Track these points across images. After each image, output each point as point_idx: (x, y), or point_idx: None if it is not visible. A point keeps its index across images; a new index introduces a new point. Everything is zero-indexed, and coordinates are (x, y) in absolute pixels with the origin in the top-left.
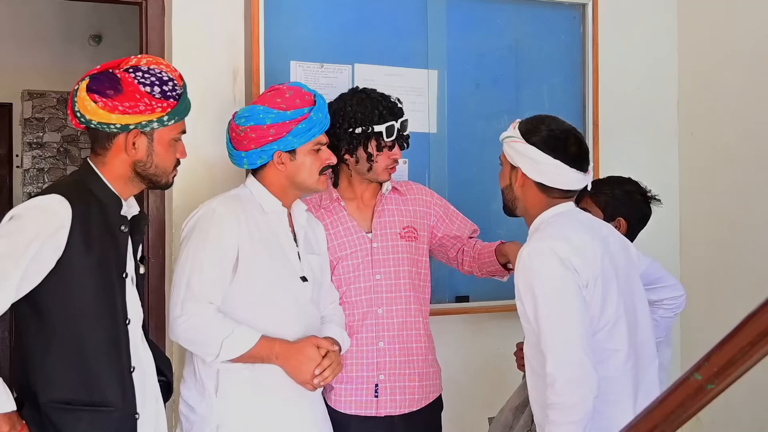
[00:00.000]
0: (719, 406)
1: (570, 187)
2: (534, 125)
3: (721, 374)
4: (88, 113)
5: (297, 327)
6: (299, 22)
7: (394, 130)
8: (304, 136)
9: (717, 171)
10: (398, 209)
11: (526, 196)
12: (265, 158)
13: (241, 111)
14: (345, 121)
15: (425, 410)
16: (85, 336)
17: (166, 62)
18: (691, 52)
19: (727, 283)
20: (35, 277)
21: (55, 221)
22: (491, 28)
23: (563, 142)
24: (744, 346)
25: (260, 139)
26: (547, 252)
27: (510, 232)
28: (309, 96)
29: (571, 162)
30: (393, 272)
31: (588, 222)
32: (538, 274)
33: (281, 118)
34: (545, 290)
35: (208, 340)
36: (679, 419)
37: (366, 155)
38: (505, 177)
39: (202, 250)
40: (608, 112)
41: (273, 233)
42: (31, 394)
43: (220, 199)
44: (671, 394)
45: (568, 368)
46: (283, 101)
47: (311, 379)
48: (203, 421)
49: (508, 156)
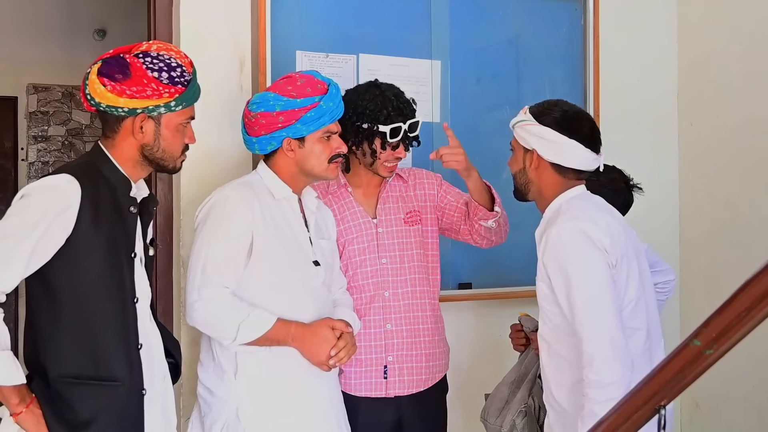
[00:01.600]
0: (717, 391)
1: (585, 167)
2: (546, 107)
3: (719, 339)
4: (97, 96)
5: (311, 311)
6: (305, 12)
7: (399, 132)
8: (313, 124)
9: (716, 161)
10: (401, 196)
11: (541, 179)
12: (274, 144)
13: (254, 97)
14: (354, 114)
15: (432, 390)
16: (94, 313)
17: (177, 49)
18: (691, 43)
19: (727, 273)
20: (44, 255)
21: (65, 200)
22: (493, 19)
23: (577, 122)
24: (741, 312)
25: (270, 126)
26: (577, 233)
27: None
28: (322, 84)
29: (585, 142)
30: (398, 256)
31: (603, 204)
32: (571, 254)
33: (291, 105)
34: (579, 270)
35: (225, 323)
36: (679, 385)
37: (370, 151)
38: (519, 161)
39: (216, 236)
40: (608, 104)
41: (285, 219)
42: (40, 369)
43: (232, 185)
44: (671, 360)
45: (606, 347)
46: (294, 89)
47: (327, 359)
48: (222, 403)
49: (521, 140)
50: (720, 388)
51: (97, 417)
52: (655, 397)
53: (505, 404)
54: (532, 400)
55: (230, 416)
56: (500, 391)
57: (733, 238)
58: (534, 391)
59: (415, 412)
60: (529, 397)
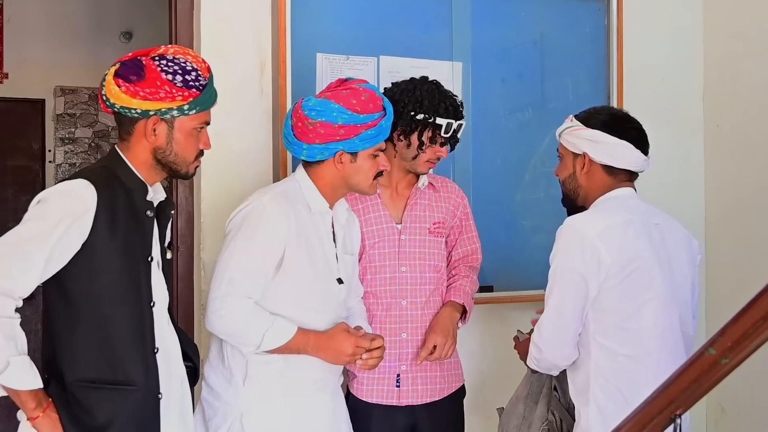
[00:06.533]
0: (743, 396)
1: (636, 168)
2: (593, 112)
3: (735, 348)
4: (112, 97)
5: (326, 327)
6: (325, 14)
7: (451, 127)
8: (370, 141)
9: (742, 163)
10: (430, 205)
11: (591, 182)
12: (326, 155)
13: (313, 103)
14: (410, 103)
15: (446, 400)
16: (110, 317)
17: (194, 53)
18: (717, 43)
19: (754, 275)
20: (61, 260)
21: (81, 205)
22: (516, 20)
23: (625, 123)
24: (757, 320)
25: (328, 136)
26: (570, 228)
27: (534, 224)
28: (380, 101)
29: (634, 142)
30: (418, 266)
31: (641, 208)
32: (558, 245)
33: (354, 120)
34: (558, 260)
35: (249, 331)
36: (694, 394)
37: (418, 143)
38: (568, 167)
39: (249, 246)
40: (633, 105)
41: (317, 234)
42: (57, 373)
43: (271, 194)
44: (686, 369)
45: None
46: (358, 103)
47: (352, 353)
48: (228, 407)
49: (570, 145)
50: (746, 392)
51: (113, 421)
52: (671, 405)
53: (523, 420)
54: (552, 415)
55: (234, 422)
56: (516, 408)
57: (761, 241)
58: (553, 405)
59: (428, 418)
60: (548, 412)
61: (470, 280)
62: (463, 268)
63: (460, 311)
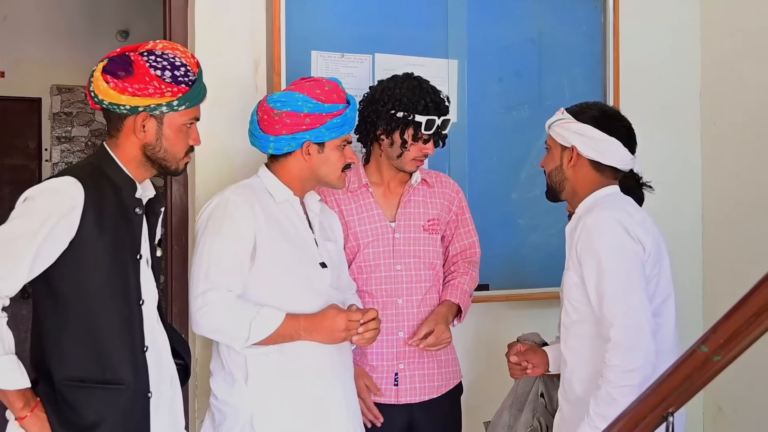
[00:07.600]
0: (741, 395)
1: (622, 166)
2: (584, 107)
3: (727, 345)
4: (100, 93)
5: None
6: (320, 12)
7: (433, 124)
8: (336, 131)
9: (740, 161)
10: (424, 201)
11: (577, 176)
12: (293, 146)
13: (277, 95)
14: (390, 101)
15: (444, 397)
16: (99, 315)
17: (183, 48)
18: (714, 41)
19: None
20: (48, 258)
21: (68, 202)
22: (512, 18)
23: (616, 121)
24: (749, 317)
25: (294, 126)
26: (613, 221)
27: (530, 222)
28: (343, 93)
29: (623, 140)
30: (413, 263)
31: (633, 202)
32: (606, 242)
33: (319, 109)
34: (613, 258)
35: (235, 324)
36: (686, 392)
37: (400, 141)
38: (555, 159)
39: (218, 239)
40: (630, 103)
41: (288, 220)
42: (45, 372)
43: (232, 188)
44: (678, 367)
45: (633, 334)
46: (322, 93)
47: (345, 327)
48: (236, 411)
49: (559, 137)
50: (743, 391)
51: (102, 420)
52: (663, 404)
53: (508, 430)
54: (537, 422)
55: (245, 425)
56: (501, 418)
57: (758, 238)
58: (539, 412)
59: (426, 416)
60: (533, 419)
61: (469, 278)
62: (462, 264)
63: (455, 312)
